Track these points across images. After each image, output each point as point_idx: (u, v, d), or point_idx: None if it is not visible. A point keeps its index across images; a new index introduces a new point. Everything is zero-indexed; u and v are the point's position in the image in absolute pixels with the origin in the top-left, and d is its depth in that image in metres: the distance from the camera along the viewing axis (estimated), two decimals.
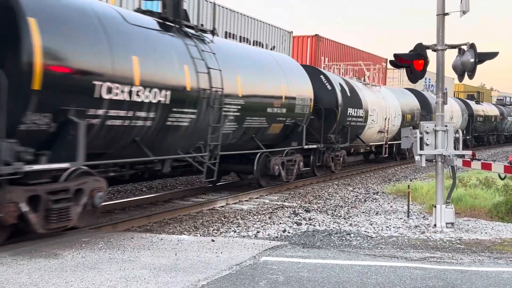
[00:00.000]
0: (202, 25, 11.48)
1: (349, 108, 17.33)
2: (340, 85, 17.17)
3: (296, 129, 14.16)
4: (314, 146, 15.38)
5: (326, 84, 16.44)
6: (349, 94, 17.49)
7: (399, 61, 9.46)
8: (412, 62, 9.34)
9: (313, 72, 16.44)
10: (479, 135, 35.38)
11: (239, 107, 11.44)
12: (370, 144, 20.64)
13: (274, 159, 13.18)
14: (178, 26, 10.20)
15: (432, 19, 9.18)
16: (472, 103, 34.58)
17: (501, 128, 41.08)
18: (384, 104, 20.83)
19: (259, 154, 12.83)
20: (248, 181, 14.48)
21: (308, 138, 14.94)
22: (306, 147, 14.51)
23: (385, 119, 20.76)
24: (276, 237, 8.39)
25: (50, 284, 5.37)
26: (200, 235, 8.44)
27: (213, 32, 11.31)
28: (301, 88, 14.30)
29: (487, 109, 37.68)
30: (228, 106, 11.03)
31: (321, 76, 16.55)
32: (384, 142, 21.19)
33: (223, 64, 10.96)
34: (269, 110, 12.72)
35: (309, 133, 15.04)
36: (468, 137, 31.31)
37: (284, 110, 13.32)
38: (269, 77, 12.92)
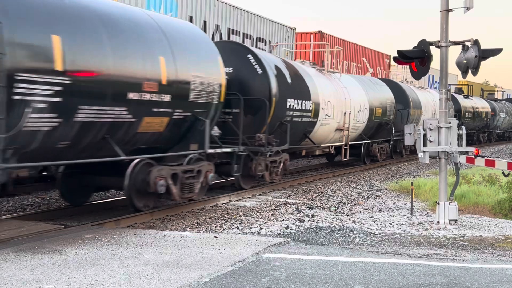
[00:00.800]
0: None
1: (289, 99, 13.39)
2: (277, 68, 13.26)
3: (196, 127, 10.12)
4: (227, 150, 11.38)
5: (255, 66, 12.53)
6: (290, 81, 13.60)
7: (402, 57, 9.44)
8: (415, 58, 9.31)
9: (236, 49, 12.74)
10: (468, 133, 32.10)
11: (60, 88, 7.33)
12: (326, 145, 16.49)
13: (157, 170, 9.10)
14: None
15: (436, 15, 9.15)
16: (460, 98, 31.29)
17: (492, 125, 37.42)
18: (343, 96, 16.80)
19: (135, 162, 8.94)
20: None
21: (232, 139, 11.89)
22: (210, 151, 10.42)
23: (345, 113, 16.77)
24: (279, 233, 8.38)
25: (53, 280, 5.38)
26: (203, 232, 8.45)
27: None
28: (202, 69, 10.18)
29: (477, 104, 34.20)
30: (27, 86, 6.95)
31: (249, 55, 12.64)
32: (343, 143, 17.07)
33: (14, 11, 6.96)
34: (132, 96, 8.53)
35: (234, 132, 11.99)
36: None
37: (167, 98, 9.25)
38: (133, 46, 8.64)
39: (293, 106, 13.68)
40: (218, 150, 11.03)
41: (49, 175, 10.60)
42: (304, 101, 14.23)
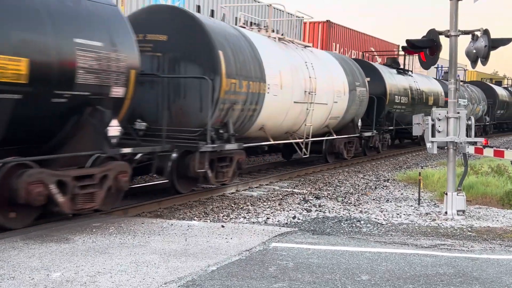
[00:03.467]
0: None
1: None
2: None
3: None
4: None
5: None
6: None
7: (411, 47, 9.36)
8: (424, 48, 9.24)
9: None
10: (402, 129, 21.41)
11: None
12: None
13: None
14: None
15: (445, 4, 9.07)
16: (388, 74, 20.25)
17: None
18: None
19: None
20: None
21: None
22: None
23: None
24: (286, 223, 8.39)
25: (61, 268, 5.42)
26: (210, 221, 8.47)
27: None
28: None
29: (419, 84, 23.17)
30: None
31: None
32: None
33: None
34: None
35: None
36: (373, 135, 18.40)
37: None
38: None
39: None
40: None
41: None
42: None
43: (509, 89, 41.36)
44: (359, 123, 17.04)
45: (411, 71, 23.64)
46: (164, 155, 9.48)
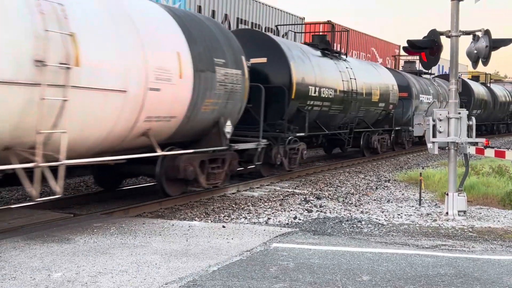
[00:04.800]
0: None
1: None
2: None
3: None
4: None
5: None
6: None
7: (412, 47, 9.36)
8: (425, 48, 9.24)
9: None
10: (332, 135, 16.69)
11: None
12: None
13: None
14: None
15: (446, 5, 9.07)
16: (297, 52, 13.97)
17: (401, 117, 20.97)
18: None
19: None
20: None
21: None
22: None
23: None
24: (287, 224, 8.39)
25: (62, 268, 5.42)
26: (211, 221, 8.47)
27: None
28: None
29: (358, 74, 16.95)
30: None
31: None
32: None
33: None
34: None
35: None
36: (258, 147, 12.10)
37: None
38: None
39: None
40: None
41: None
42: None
43: (488, 85, 35.47)
44: (228, 129, 10.35)
45: (345, 55, 17.07)
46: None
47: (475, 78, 35.42)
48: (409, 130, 21.54)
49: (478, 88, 32.17)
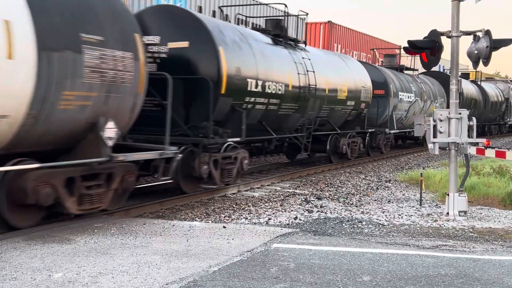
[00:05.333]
0: None
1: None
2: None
3: None
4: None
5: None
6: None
7: (413, 47, 9.36)
8: (426, 49, 9.24)
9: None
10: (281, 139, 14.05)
11: None
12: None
13: None
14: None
15: (447, 5, 9.07)
16: (229, 36, 11.22)
17: (375, 118, 18.66)
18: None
19: None
20: None
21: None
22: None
23: None
24: (288, 224, 8.39)
25: (63, 268, 5.42)
26: (212, 222, 8.47)
27: None
28: None
29: (319, 67, 14.36)
30: None
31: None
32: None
33: None
34: None
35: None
36: (162, 157, 8.97)
37: None
38: None
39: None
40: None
41: None
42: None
43: (479, 84, 32.75)
44: (112, 133, 7.67)
45: (304, 43, 14.84)
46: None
47: (465, 75, 32.03)
48: (386, 132, 19.10)
49: (467, 87, 29.50)
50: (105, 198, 7.84)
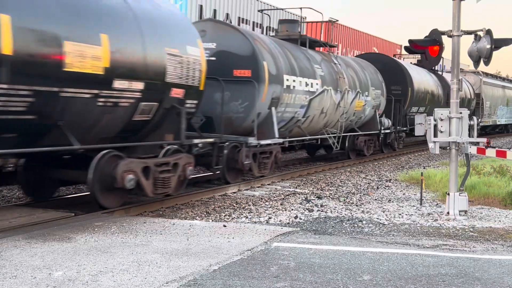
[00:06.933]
0: None
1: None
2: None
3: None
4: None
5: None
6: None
7: (414, 47, 9.37)
8: (427, 48, 9.24)
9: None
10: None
11: None
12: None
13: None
14: None
15: (448, 4, 9.06)
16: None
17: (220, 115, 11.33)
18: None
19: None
20: None
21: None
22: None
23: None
24: (288, 223, 8.39)
25: (63, 267, 5.42)
26: (212, 221, 8.47)
27: None
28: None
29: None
30: None
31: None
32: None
33: None
34: None
35: None
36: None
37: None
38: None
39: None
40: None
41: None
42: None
43: (440, 74, 25.16)
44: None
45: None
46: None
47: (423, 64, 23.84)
48: (250, 143, 11.56)
49: (420, 76, 21.91)
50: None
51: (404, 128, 20.76)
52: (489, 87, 32.22)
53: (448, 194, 9.08)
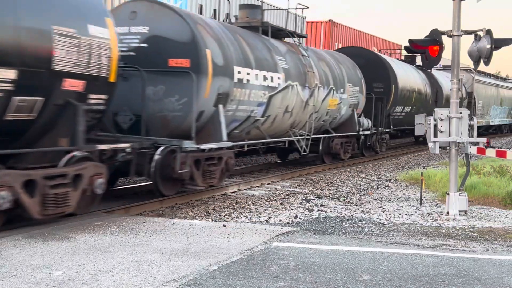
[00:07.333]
0: None
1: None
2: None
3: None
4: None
5: None
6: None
7: (414, 47, 9.36)
8: (427, 48, 9.23)
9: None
10: None
11: None
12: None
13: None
14: None
15: (448, 4, 9.06)
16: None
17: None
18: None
19: None
20: None
21: None
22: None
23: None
24: (288, 223, 8.39)
25: (63, 266, 5.42)
26: (212, 220, 8.47)
27: None
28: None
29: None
30: None
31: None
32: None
33: None
34: None
35: None
36: None
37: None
38: None
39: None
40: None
41: None
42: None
43: (429, 71, 23.36)
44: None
45: None
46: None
47: (410, 59, 22.68)
48: (184, 148, 9.51)
49: (406, 73, 20.32)
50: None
51: (387, 130, 18.91)
52: (482, 86, 30.61)
53: (448, 194, 9.08)
